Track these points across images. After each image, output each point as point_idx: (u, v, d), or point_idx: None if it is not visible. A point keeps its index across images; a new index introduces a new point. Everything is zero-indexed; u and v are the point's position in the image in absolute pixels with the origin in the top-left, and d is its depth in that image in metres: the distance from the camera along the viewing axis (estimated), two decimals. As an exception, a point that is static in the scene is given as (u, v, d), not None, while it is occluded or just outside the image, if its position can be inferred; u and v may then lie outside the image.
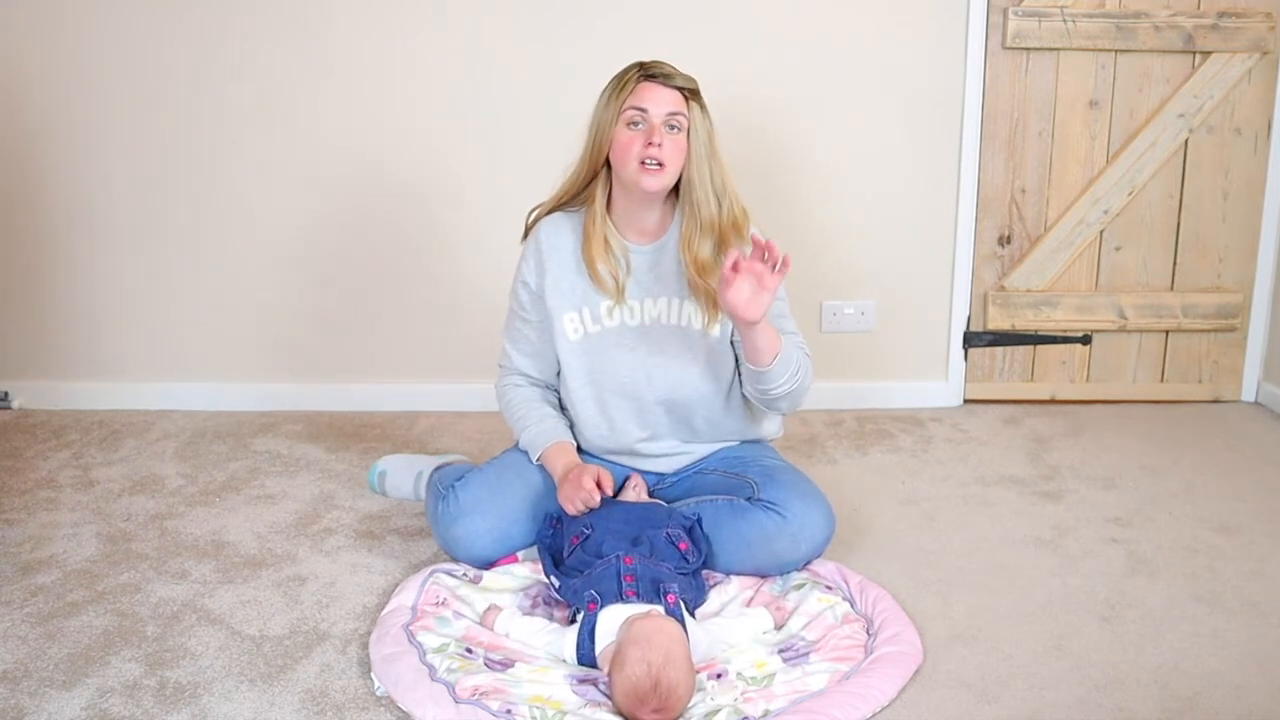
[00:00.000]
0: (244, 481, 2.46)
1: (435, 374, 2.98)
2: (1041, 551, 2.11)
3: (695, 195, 1.89)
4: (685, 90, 1.87)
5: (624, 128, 1.85)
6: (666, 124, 1.84)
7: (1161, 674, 1.67)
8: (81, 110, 2.82)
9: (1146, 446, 2.68)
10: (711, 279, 1.89)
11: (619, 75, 1.89)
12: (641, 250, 1.97)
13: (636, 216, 1.95)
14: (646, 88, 1.85)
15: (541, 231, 2.00)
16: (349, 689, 1.64)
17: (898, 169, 2.86)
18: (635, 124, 1.85)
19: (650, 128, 1.84)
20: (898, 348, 2.98)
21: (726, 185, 1.92)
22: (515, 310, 2.05)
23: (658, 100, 1.84)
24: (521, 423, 2.03)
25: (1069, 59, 2.81)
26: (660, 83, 1.85)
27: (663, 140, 1.83)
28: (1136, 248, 2.93)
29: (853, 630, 1.75)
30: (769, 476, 1.96)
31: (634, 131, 1.85)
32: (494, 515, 1.95)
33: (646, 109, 1.84)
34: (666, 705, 1.50)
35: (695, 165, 1.88)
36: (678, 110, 1.85)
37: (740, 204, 1.94)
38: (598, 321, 1.97)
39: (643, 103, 1.84)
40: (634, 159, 1.84)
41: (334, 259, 2.91)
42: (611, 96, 1.87)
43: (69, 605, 1.89)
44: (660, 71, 1.86)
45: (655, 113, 1.84)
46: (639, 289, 1.97)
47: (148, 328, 2.96)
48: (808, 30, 2.78)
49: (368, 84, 2.80)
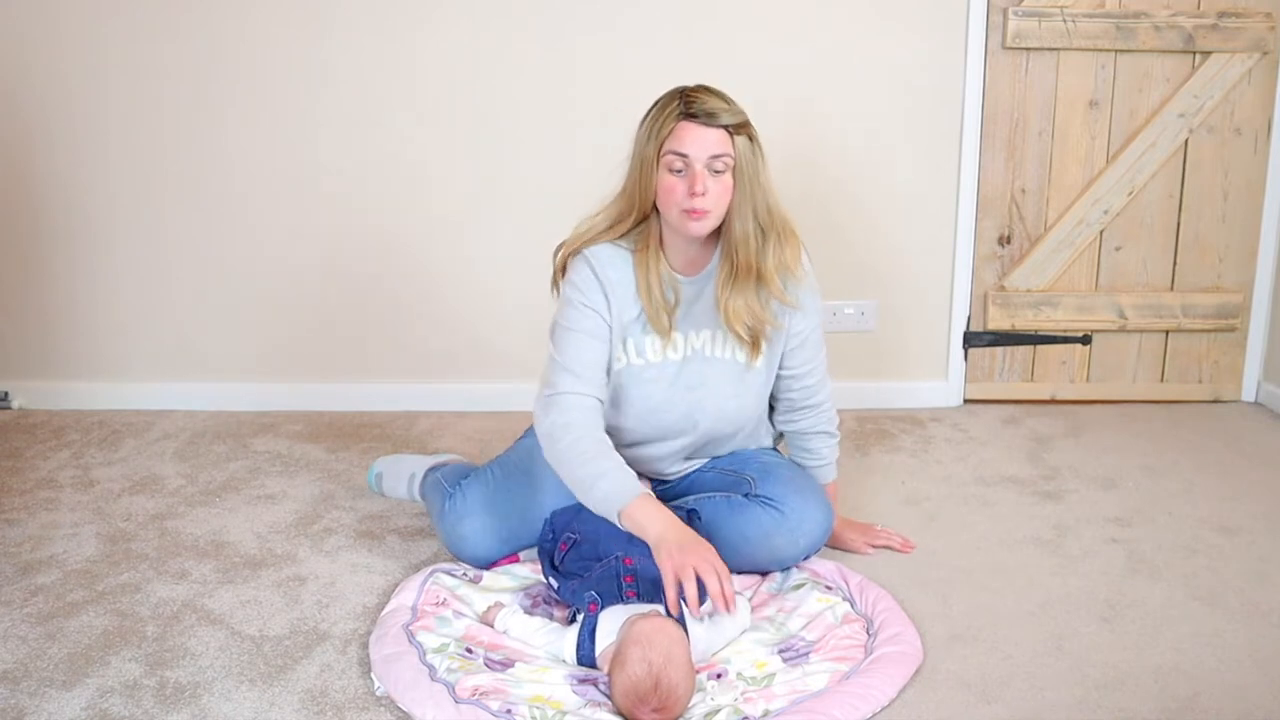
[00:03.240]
0: (244, 481, 2.46)
1: (435, 374, 2.98)
2: (1041, 551, 2.11)
3: (735, 237, 1.80)
4: (730, 127, 1.75)
5: (666, 172, 1.76)
6: (709, 168, 1.74)
7: (1161, 674, 1.67)
8: (81, 111, 2.82)
9: (1146, 446, 2.68)
10: (740, 326, 1.84)
11: (660, 109, 1.77)
12: (689, 282, 1.89)
13: (682, 249, 1.87)
14: (686, 129, 1.73)
15: (596, 263, 1.86)
16: (349, 689, 1.64)
17: (898, 169, 2.86)
18: (677, 170, 1.75)
19: (692, 175, 1.73)
20: (898, 348, 2.98)
21: (773, 218, 1.82)
22: (578, 330, 1.85)
23: (699, 143, 1.73)
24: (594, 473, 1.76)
25: (1069, 59, 2.80)
26: (702, 123, 1.73)
27: (706, 188, 1.73)
28: (1136, 248, 2.93)
29: (853, 630, 1.75)
30: (766, 473, 1.96)
31: (676, 177, 1.75)
32: (500, 515, 1.95)
33: (687, 154, 1.73)
34: (667, 705, 1.50)
35: (737, 206, 1.78)
36: (721, 152, 1.74)
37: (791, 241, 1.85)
38: (641, 355, 1.89)
39: (683, 147, 1.73)
40: (676, 206, 1.76)
41: (334, 259, 2.91)
42: (651, 134, 1.76)
43: (69, 605, 1.89)
44: (702, 110, 1.73)
45: (697, 156, 1.73)
46: (684, 321, 1.90)
47: (148, 328, 2.96)
48: (807, 30, 2.78)
49: (367, 84, 2.80)
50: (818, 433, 2.06)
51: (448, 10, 2.76)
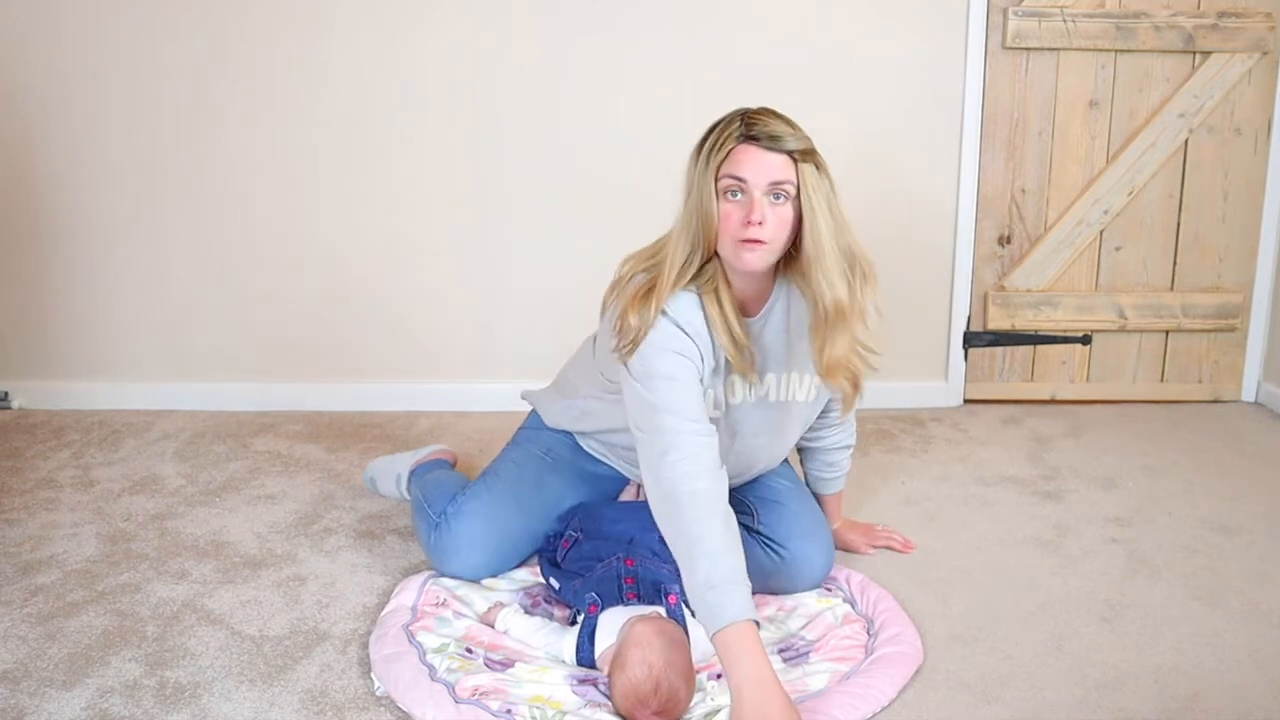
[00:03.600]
0: (244, 481, 2.46)
1: (435, 374, 2.98)
2: (1041, 551, 2.11)
3: (817, 281, 1.61)
4: (796, 153, 1.59)
5: (724, 200, 1.60)
6: (769, 194, 1.58)
7: (1161, 674, 1.67)
8: (81, 111, 2.82)
9: (1146, 446, 2.68)
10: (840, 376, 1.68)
11: (718, 132, 1.61)
12: (750, 323, 1.73)
13: (740, 288, 1.71)
14: (746, 152, 1.58)
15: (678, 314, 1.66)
16: (349, 689, 1.64)
17: (898, 169, 2.86)
18: (733, 193, 1.59)
19: (751, 202, 1.58)
20: (898, 348, 2.97)
21: (856, 255, 1.65)
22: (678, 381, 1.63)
23: (759, 168, 1.57)
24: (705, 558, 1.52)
25: (1069, 59, 2.81)
26: (764, 146, 1.58)
27: (765, 217, 1.57)
28: (1136, 248, 2.93)
29: (853, 630, 1.75)
30: (771, 506, 1.91)
31: (731, 203, 1.59)
32: (491, 550, 1.90)
33: (745, 179, 1.58)
34: (667, 707, 1.50)
35: (812, 237, 1.59)
36: (783, 180, 1.58)
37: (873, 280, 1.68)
38: (718, 406, 1.75)
39: (740, 171, 1.58)
40: (731, 237, 1.60)
41: (334, 259, 2.91)
42: (709, 160, 1.59)
43: (69, 605, 1.89)
44: (764, 133, 1.58)
45: (755, 182, 1.57)
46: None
47: (148, 328, 2.96)
48: (807, 30, 2.78)
49: (367, 84, 2.80)
50: (842, 447, 2.02)
51: (447, 10, 2.76)
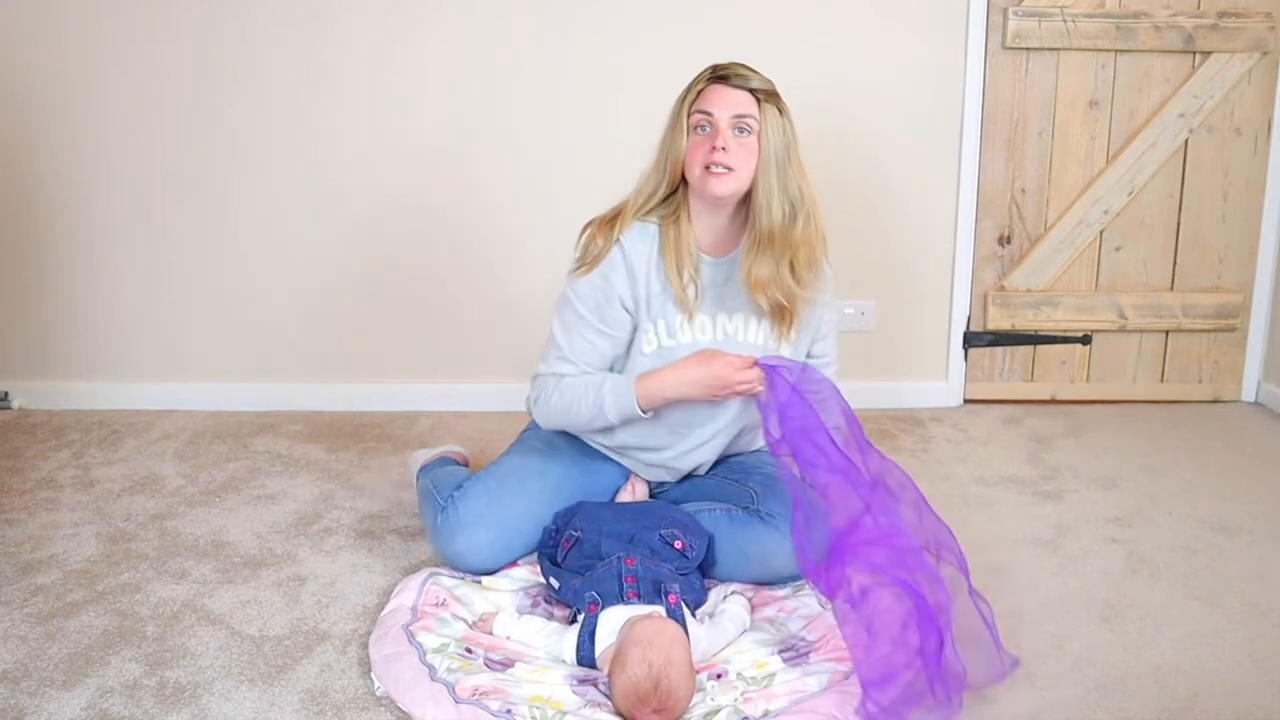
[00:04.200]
0: (244, 481, 2.46)
1: (435, 374, 2.98)
2: (1041, 551, 2.11)
3: (758, 202, 1.79)
4: (759, 92, 1.78)
5: (692, 133, 1.79)
6: (734, 126, 1.76)
7: (1161, 674, 1.67)
8: (81, 111, 2.82)
9: (1146, 446, 2.68)
10: (761, 298, 1.83)
11: (693, 80, 1.82)
12: (715, 262, 1.88)
13: (710, 226, 1.86)
14: (714, 90, 1.77)
15: (624, 240, 1.86)
16: (349, 689, 1.64)
17: (898, 169, 2.86)
18: (701, 128, 1.78)
19: (715, 131, 1.76)
20: (898, 348, 2.98)
21: (804, 197, 1.81)
22: (584, 319, 1.88)
23: (724, 102, 1.76)
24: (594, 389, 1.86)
25: (1069, 59, 2.80)
26: (731, 84, 1.77)
27: (728, 144, 1.75)
28: (1136, 248, 2.93)
29: (853, 630, 1.75)
30: (770, 486, 1.93)
31: (700, 136, 1.78)
32: (496, 528, 1.91)
33: (712, 112, 1.77)
34: (667, 706, 1.50)
35: (762, 171, 1.78)
36: (746, 113, 1.77)
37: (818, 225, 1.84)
38: (672, 335, 1.88)
39: (708, 106, 1.77)
40: (699, 164, 1.77)
41: (334, 259, 2.91)
42: (681, 100, 1.81)
43: (69, 605, 1.89)
44: (733, 73, 1.78)
45: (721, 115, 1.76)
46: (712, 303, 1.89)
47: (148, 328, 2.96)
48: (806, 30, 2.78)
49: (367, 84, 2.80)
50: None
51: (447, 10, 2.76)
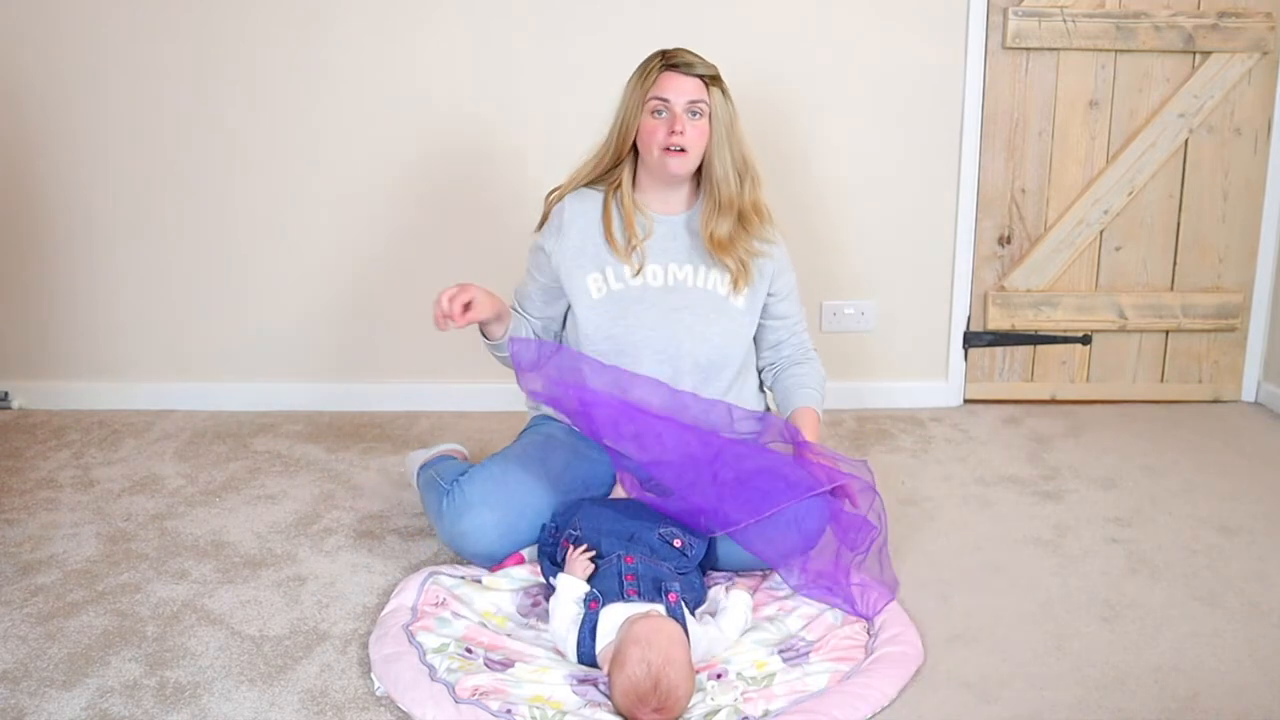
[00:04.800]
0: (244, 481, 2.46)
1: (435, 374, 2.97)
2: (1041, 551, 2.11)
3: (715, 175, 2.02)
4: (706, 78, 1.98)
5: (648, 116, 1.98)
6: (688, 110, 1.96)
7: (1161, 674, 1.67)
8: (81, 111, 2.82)
9: (1146, 446, 2.68)
10: (727, 256, 2.04)
11: (643, 64, 2.00)
12: (667, 219, 2.08)
13: (663, 195, 2.07)
14: (669, 77, 1.97)
15: (566, 201, 2.09)
16: (349, 689, 1.64)
17: (898, 168, 2.86)
18: (659, 113, 1.97)
19: (673, 116, 1.96)
20: (898, 348, 2.98)
21: (748, 164, 2.04)
22: (530, 270, 2.15)
23: (679, 89, 1.96)
24: None
25: (1069, 59, 2.80)
26: (682, 72, 1.97)
27: (685, 127, 1.95)
28: (1136, 248, 2.93)
29: (853, 631, 1.75)
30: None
31: (657, 120, 1.97)
32: (501, 509, 1.93)
33: (669, 99, 1.96)
34: (666, 705, 1.50)
35: (716, 148, 2.00)
36: (699, 98, 1.97)
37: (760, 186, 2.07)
38: (621, 280, 2.05)
39: (665, 93, 1.96)
40: (658, 145, 1.97)
41: (334, 258, 2.91)
42: (636, 85, 1.99)
43: (69, 605, 1.89)
44: (682, 61, 1.98)
45: (677, 101, 1.96)
46: (663, 254, 2.06)
47: (148, 328, 2.96)
48: (806, 30, 2.78)
49: (367, 84, 2.80)
50: (805, 360, 2.17)
51: (448, 10, 2.76)
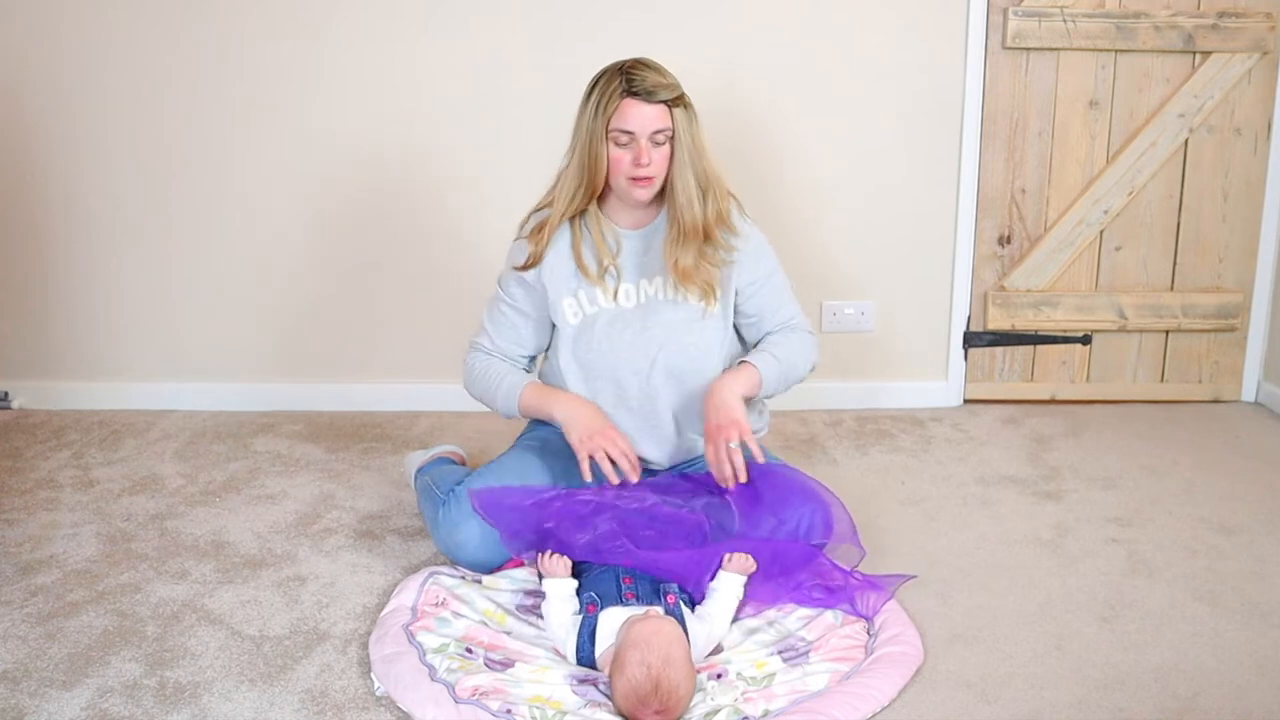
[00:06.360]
0: (244, 481, 2.46)
1: (435, 374, 2.97)
2: (1041, 551, 2.11)
3: (679, 200, 1.94)
4: (669, 101, 1.90)
5: (612, 145, 1.90)
6: (652, 140, 1.89)
7: (1161, 674, 1.68)
8: (82, 110, 2.82)
9: (1146, 446, 2.68)
10: (692, 284, 1.98)
11: (603, 86, 1.90)
12: (634, 235, 2.03)
13: (629, 214, 2.03)
14: (630, 106, 1.87)
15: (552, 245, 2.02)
16: (349, 689, 1.64)
17: (898, 169, 2.86)
18: (622, 144, 1.90)
19: (638, 149, 1.89)
20: (898, 348, 2.98)
21: (710, 181, 1.97)
22: (502, 297, 2.08)
23: (642, 120, 1.88)
24: (496, 380, 2.05)
25: (1069, 59, 2.80)
26: (644, 100, 1.87)
27: (650, 158, 1.89)
28: (1136, 248, 2.93)
29: (853, 630, 1.75)
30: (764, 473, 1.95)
31: (621, 150, 1.90)
32: None
33: (633, 131, 1.88)
34: (667, 707, 1.50)
35: (678, 169, 1.93)
36: (662, 127, 1.89)
37: (725, 197, 1.99)
38: (594, 303, 2.02)
39: (628, 124, 1.88)
40: (624, 175, 1.92)
41: (334, 259, 2.91)
42: (597, 112, 1.90)
43: (69, 605, 1.89)
44: (643, 88, 1.87)
45: (641, 131, 1.88)
46: (634, 271, 2.02)
47: (148, 328, 2.96)
48: (807, 30, 2.77)
49: (368, 84, 2.80)
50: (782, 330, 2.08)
51: (449, 10, 2.76)
